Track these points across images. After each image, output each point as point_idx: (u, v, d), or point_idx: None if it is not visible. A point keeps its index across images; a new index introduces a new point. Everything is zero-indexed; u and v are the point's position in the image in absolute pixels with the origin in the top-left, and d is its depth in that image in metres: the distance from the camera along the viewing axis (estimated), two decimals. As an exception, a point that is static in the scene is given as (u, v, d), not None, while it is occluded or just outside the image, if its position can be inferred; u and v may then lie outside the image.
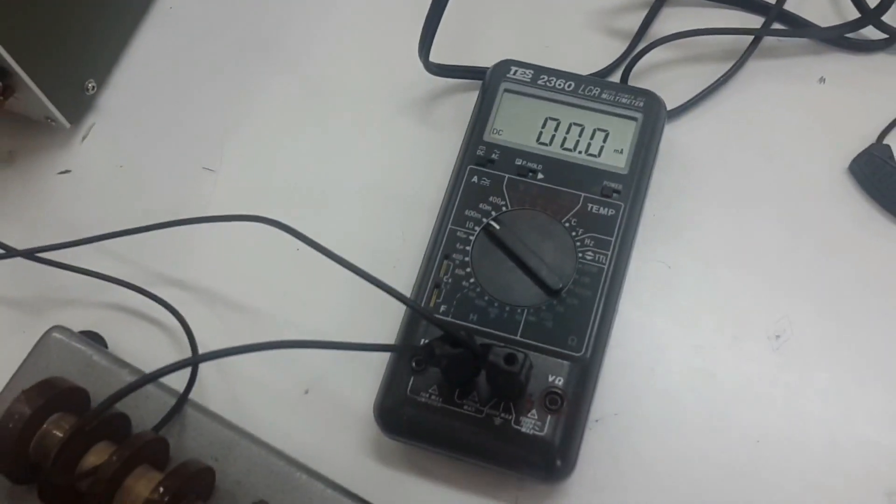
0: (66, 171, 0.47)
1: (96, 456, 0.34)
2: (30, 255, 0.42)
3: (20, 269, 0.44)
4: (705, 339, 0.42)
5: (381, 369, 0.40)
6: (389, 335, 0.41)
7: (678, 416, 0.40)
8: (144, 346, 0.42)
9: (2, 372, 0.39)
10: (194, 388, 0.39)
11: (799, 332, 0.42)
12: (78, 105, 0.47)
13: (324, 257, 0.38)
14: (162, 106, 0.48)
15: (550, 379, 0.38)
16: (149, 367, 0.38)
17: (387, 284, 0.35)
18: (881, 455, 0.39)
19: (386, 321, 0.41)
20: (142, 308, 0.43)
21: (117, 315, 0.43)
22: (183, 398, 0.37)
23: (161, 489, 0.33)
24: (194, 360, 0.31)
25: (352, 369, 0.41)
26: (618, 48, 0.48)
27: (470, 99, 0.46)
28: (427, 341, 0.35)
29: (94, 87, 0.47)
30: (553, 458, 0.37)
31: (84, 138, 0.48)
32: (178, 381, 0.38)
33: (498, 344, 0.35)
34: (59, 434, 0.34)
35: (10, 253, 0.42)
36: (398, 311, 0.41)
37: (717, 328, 0.42)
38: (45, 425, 0.35)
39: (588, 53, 0.48)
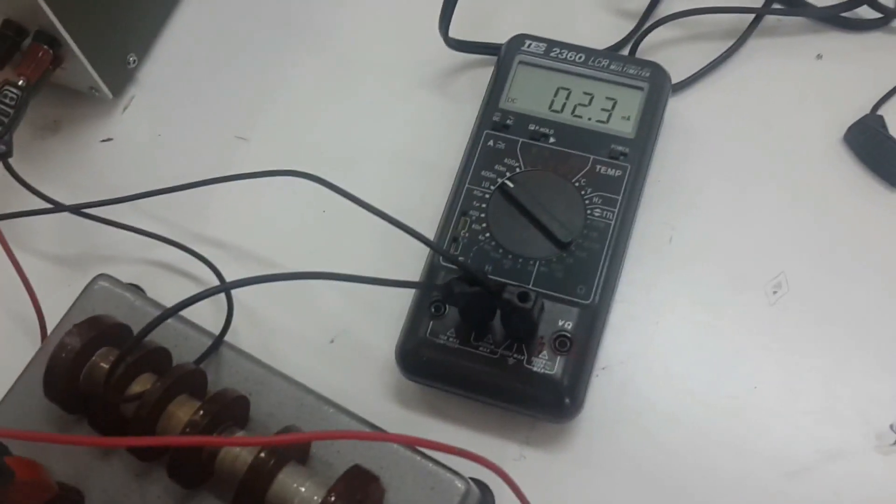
0: (108, 139, 0.50)
1: (141, 385, 0.37)
2: (75, 210, 0.45)
3: (65, 226, 0.47)
4: (706, 294, 0.44)
5: (401, 320, 0.42)
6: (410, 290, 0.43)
7: (680, 365, 0.43)
8: (182, 298, 0.45)
9: (49, 322, 0.43)
10: (228, 335, 0.42)
11: (795, 288, 0.44)
12: (120, 77, 0.50)
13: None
14: (198, 79, 0.51)
15: (560, 323, 0.41)
16: (186, 317, 0.41)
17: (411, 228, 0.38)
18: (872, 400, 0.42)
19: (407, 275, 0.44)
20: (180, 263, 0.46)
21: (157, 270, 0.46)
22: (220, 336, 0.40)
23: (201, 412, 0.36)
24: (226, 287, 0.34)
25: (374, 320, 0.44)
26: (627, 26, 0.51)
27: (486, 73, 0.48)
28: (446, 280, 0.38)
29: (135, 60, 0.50)
30: (562, 396, 0.40)
31: (125, 109, 0.51)
32: (214, 326, 0.42)
33: (512, 283, 0.37)
34: (107, 367, 0.37)
35: (58, 208, 0.45)
36: (419, 264, 0.44)
37: (718, 284, 0.45)
38: (93, 357, 0.38)
39: (598, 31, 0.51)
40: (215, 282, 0.45)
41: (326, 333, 0.45)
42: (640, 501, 0.40)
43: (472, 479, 0.38)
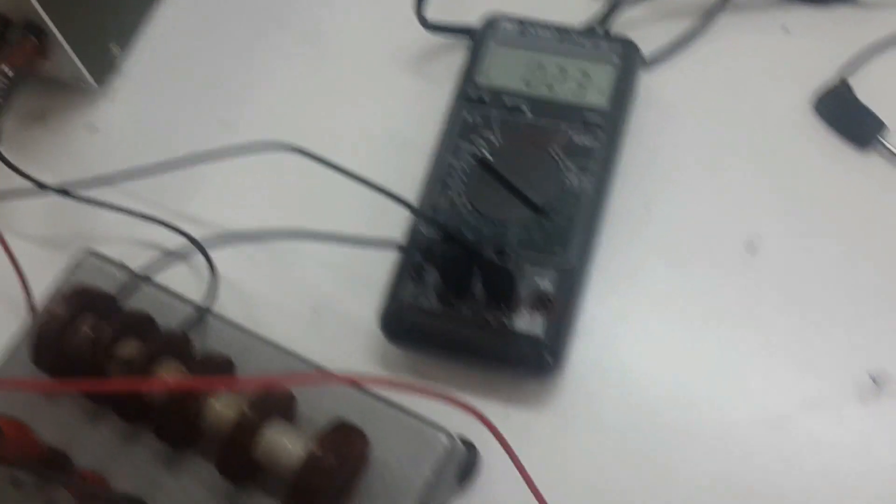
0: (94, 128, 0.51)
1: (127, 349, 0.38)
2: (62, 190, 0.46)
3: (53, 209, 0.48)
4: (683, 256, 0.45)
5: (384, 288, 0.43)
6: (392, 258, 0.44)
7: (660, 325, 0.44)
8: (168, 278, 0.46)
9: (37, 303, 0.43)
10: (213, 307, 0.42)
11: (770, 249, 0.45)
12: (104, 67, 0.51)
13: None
14: (180, 66, 0.53)
15: (540, 284, 0.41)
16: (172, 289, 0.42)
17: (392, 191, 0.39)
18: (849, 352, 0.42)
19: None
20: (166, 242, 0.47)
21: (143, 249, 0.47)
22: (205, 305, 0.41)
23: (186, 373, 0.36)
24: (201, 246, 0.35)
25: (357, 289, 0.45)
26: (599, 5, 0.52)
27: (462, 54, 0.50)
28: (426, 241, 0.38)
29: (119, 50, 0.52)
30: (543, 355, 0.40)
31: (110, 98, 0.52)
32: (200, 300, 0.42)
33: (490, 243, 0.38)
34: (93, 333, 0.38)
35: (45, 188, 0.46)
36: (401, 235, 0.44)
37: (695, 248, 0.45)
38: (80, 325, 0.38)
39: (571, 10, 0.52)
40: (202, 260, 0.45)
41: (310, 303, 0.45)
42: (622, 457, 0.41)
43: (459, 436, 0.39)
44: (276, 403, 0.37)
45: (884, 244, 0.45)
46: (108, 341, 0.37)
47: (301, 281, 0.46)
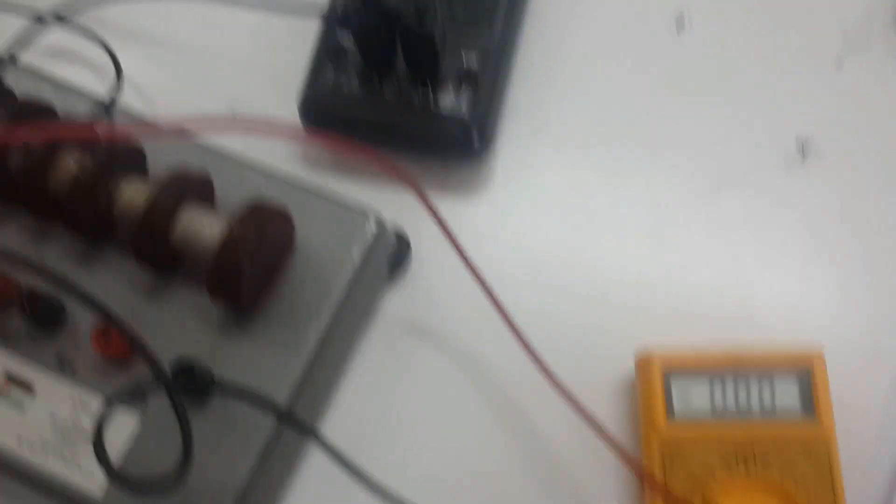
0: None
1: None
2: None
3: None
4: (610, 35, 0.44)
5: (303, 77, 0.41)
6: (309, 49, 0.42)
7: (588, 107, 0.43)
8: (71, 76, 0.43)
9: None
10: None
11: (698, 24, 0.44)
12: None
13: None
14: None
15: (464, 60, 0.39)
16: (73, 92, 0.39)
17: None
18: (778, 124, 0.42)
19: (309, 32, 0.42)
20: (64, 40, 0.44)
21: (42, 48, 0.44)
22: (111, 98, 0.38)
23: (91, 157, 0.34)
24: (104, 41, 0.32)
25: (275, 85, 0.43)
26: None
27: None
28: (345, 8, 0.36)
29: None
30: (471, 134, 0.39)
31: None
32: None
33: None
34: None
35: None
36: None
37: (621, 25, 0.44)
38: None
39: None
40: (106, 61, 0.42)
41: (227, 104, 0.43)
42: (551, 244, 0.40)
43: (389, 224, 0.38)
44: (190, 187, 0.35)
45: (808, 13, 0.44)
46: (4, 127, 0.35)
47: (217, 81, 0.43)
